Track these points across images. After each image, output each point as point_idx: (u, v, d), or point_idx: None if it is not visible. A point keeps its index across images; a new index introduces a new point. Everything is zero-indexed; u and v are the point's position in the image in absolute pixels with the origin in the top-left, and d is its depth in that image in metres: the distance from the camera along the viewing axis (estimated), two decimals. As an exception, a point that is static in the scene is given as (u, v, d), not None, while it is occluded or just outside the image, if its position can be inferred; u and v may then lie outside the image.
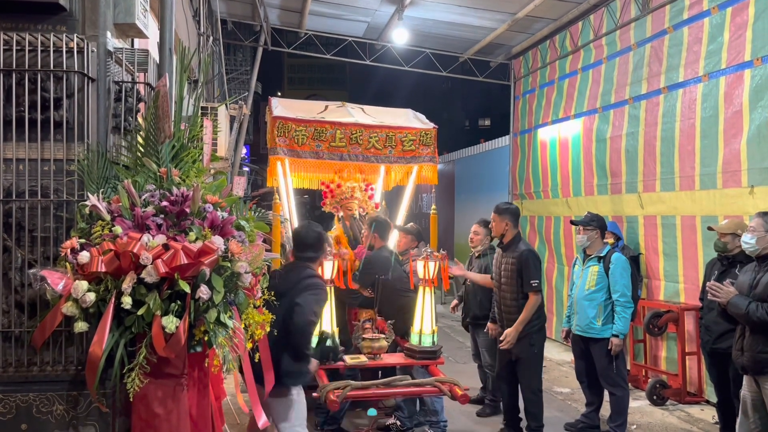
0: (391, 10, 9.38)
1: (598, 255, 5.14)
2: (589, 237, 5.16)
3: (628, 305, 5.00)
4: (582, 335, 5.15)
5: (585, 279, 5.16)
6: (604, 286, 5.04)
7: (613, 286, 5.01)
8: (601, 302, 5.04)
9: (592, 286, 5.08)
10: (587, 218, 5.22)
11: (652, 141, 6.94)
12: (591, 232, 5.17)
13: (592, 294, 5.07)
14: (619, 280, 5.01)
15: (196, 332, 2.59)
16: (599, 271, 5.08)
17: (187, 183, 2.82)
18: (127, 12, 3.12)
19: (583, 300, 5.11)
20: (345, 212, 5.76)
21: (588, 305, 5.08)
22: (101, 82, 2.90)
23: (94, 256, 2.50)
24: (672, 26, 6.76)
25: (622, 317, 4.96)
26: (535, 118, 9.99)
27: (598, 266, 5.10)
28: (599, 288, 5.05)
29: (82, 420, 2.75)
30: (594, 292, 5.06)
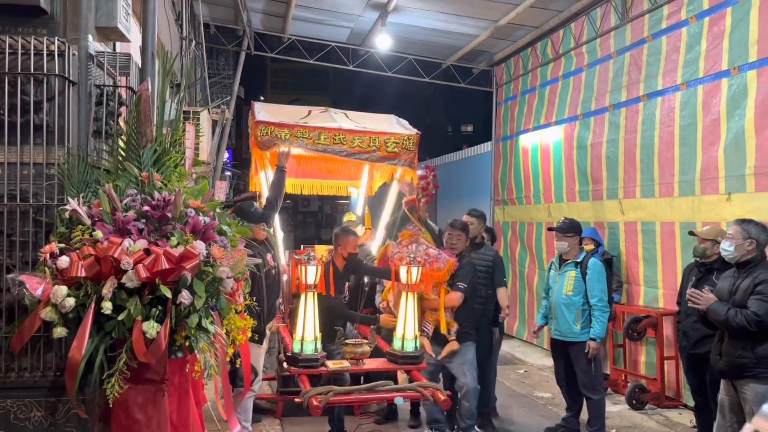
0: (374, 16, 9.42)
1: (575, 260, 5.21)
2: (570, 243, 5.23)
3: (605, 309, 5.09)
4: (561, 340, 5.21)
5: (562, 284, 5.23)
6: (582, 291, 5.12)
7: (591, 291, 5.09)
8: (579, 307, 5.11)
9: (570, 291, 5.15)
10: (566, 225, 5.27)
11: (632, 148, 7.03)
12: (571, 239, 5.23)
13: (570, 298, 5.14)
14: (597, 285, 5.09)
15: (177, 337, 2.57)
16: (576, 276, 5.15)
17: (169, 187, 2.81)
18: (109, 15, 3.11)
19: (562, 305, 5.17)
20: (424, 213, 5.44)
21: (566, 310, 5.15)
22: (82, 86, 2.88)
23: (74, 261, 2.48)
24: (651, 35, 6.86)
25: (599, 321, 5.05)
26: (516, 124, 10.06)
27: (575, 271, 5.17)
28: (577, 293, 5.12)
29: (60, 426, 2.72)
30: (572, 296, 5.14)
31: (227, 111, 8.74)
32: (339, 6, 9.29)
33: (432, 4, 8.62)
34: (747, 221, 4.00)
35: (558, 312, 5.21)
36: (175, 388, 2.82)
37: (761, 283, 3.76)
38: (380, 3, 8.86)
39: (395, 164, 5.59)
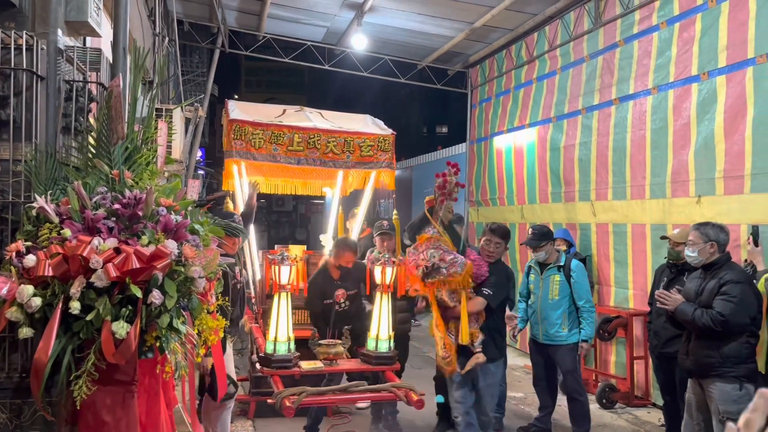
0: (350, 15, 9.40)
1: (558, 264, 5.22)
2: (546, 251, 5.24)
3: (593, 310, 5.18)
4: (548, 343, 5.22)
5: (547, 288, 5.21)
6: (567, 294, 5.14)
7: (578, 293, 5.12)
8: (566, 310, 5.13)
9: (556, 295, 5.16)
10: (536, 237, 5.23)
11: (604, 151, 7.13)
12: (546, 247, 5.23)
13: (557, 303, 5.14)
14: (582, 287, 5.14)
15: (147, 338, 2.53)
16: (561, 280, 5.16)
17: (141, 186, 2.76)
18: (80, 9, 3.05)
19: (548, 309, 5.17)
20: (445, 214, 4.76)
21: (553, 314, 5.15)
22: (51, 81, 2.82)
23: (41, 260, 2.42)
24: (623, 39, 6.96)
25: (589, 322, 5.11)
26: (491, 126, 10.13)
27: (559, 275, 5.18)
28: (563, 296, 5.14)
29: (26, 429, 2.66)
30: (558, 300, 5.14)
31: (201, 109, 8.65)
32: (315, 5, 9.25)
33: (408, 5, 8.63)
34: (704, 225, 4.09)
35: (544, 316, 5.21)
36: (145, 390, 2.77)
37: (726, 283, 3.84)
38: (356, 3, 8.84)
39: (371, 167, 5.59)
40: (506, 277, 4.74)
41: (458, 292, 4.47)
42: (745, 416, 0.75)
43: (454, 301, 4.45)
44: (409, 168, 15.72)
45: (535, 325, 5.30)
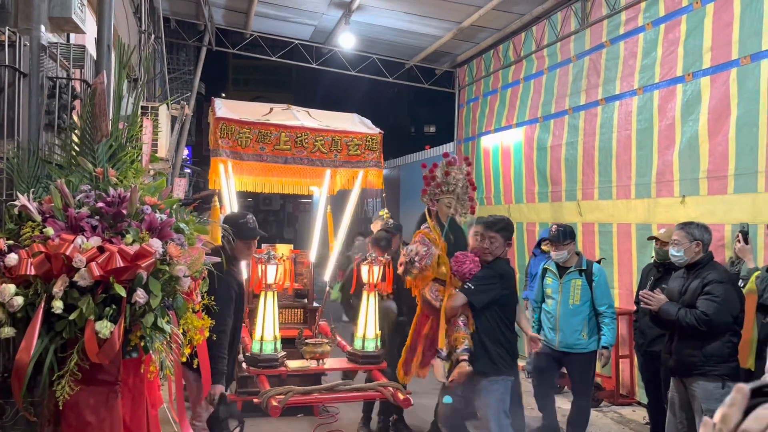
0: (338, 14, 9.38)
1: (579, 268, 4.90)
2: (569, 251, 4.92)
3: (615, 315, 4.92)
4: (565, 351, 4.89)
5: (567, 293, 4.90)
6: (588, 299, 4.86)
7: (600, 298, 4.85)
8: (586, 316, 4.86)
9: (577, 300, 4.87)
10: (561, 234, 4.90)
11: (590, 151, 7.17)
12: (569, 246, 4.92)
13: (578, 308, 4.86)
14: (605, 292, 4.89)
15: (131, 337, 2.51)
16: (583, 285, 4.87)
17: (125, 184, 2.74)
18: (63, 6, 3.01)
19: (568, 315, 4.85)
20: (442, 209, 4.25)
21: (574, 320, 4.85)
22: (34, 78, 2.79)
23: (23, 259, 2.39)
24: (609, 40, 7.01)
25: (611, 328, 4.85)
26: (478, 125, 10.16)
27: (581, 279, 4.88)
28: (584, 302, 4.86)
29: (8, 429, 2.63)
30: (579, 306, 4.86)
31: (187, 107, 8.58)
32: (302, 3, 9.22)
33: (396, 4, 8.63)
34: (688, 224, 4.12)
35: (563, 323, 4.90)
36: (130, 390, 2.75)
37: (709, 283, 3.87)
38: (344, 1, 8.83)
39: (358, 166, 5.57)
40: (498, 274, 3.99)
41: (441, 289, 4.06)
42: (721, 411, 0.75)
43: (437, 300, 4.01)
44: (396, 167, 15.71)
45: (551, 332, 4.93)
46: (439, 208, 4.22)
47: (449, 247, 4.11)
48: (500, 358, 3.93)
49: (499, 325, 3.98)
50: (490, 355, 3.91)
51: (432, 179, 4.25)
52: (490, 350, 3.92)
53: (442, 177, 4.21)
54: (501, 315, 3.97)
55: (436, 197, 4.23)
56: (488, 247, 4.03)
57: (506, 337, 3.99)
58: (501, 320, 3.98)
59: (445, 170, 4.23)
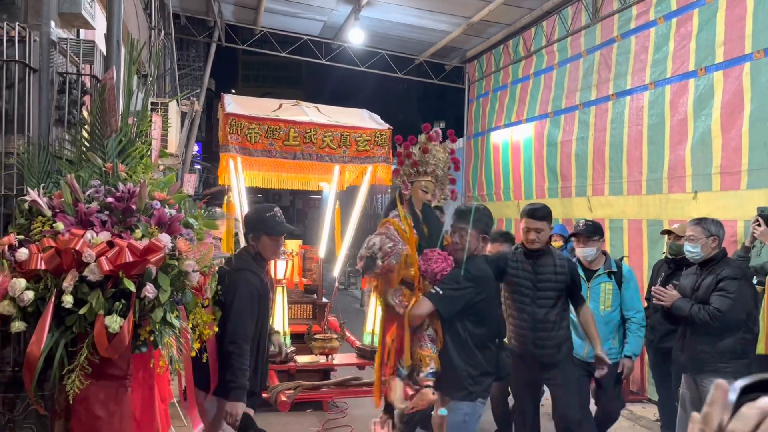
0: (347, 9, 9.37)
1: (609, 270, 4.43)
2: (597, 248, 4.46)
3: (644, 323, 4.48)
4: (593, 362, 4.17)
5: (597, 299, 4.41)
6: (618, 304, 4.42)
7: (630, 302, 4.41)
8: (617, 322, 4.43)
9: (608, 306, 4.41)
10: (590, 228, 4.47)
11: (601, 146, 7.12)
12: (597, 242, 4.45)
13: (609, 315, 4.41)
14: (635, 296, 4.47)
15: (141, 332, 2.51)
16: (614, 289, 4.42)
17: (134, 179, 2.74)
18: (73, 1, 3.02)
19: (600, 324, 4.21)
20: (417, 194, 3.51)
21: (605, 329, 4.33)
22: (44, 73, 2.80)
23: (34, 253, 2.40)
24: (620, 35, 6.95)
25: (637, 336, 4.40)
26: (488, 121, 10.12)
27: (611, 282, 4.42)
28: (615, 307, 4.42)
29: (19, 423, 2.64)
30: (610, 312, 4.41)
31: (197, 103, 8.61)
32: (312, -1, 9.22)
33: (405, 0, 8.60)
34: (703, 220, 4.07)
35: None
36: (139, 384, 2.76)
37: (723, 279, 3.84)
38: (353, -3, 8.82)
39: (367, 162, 5.57)
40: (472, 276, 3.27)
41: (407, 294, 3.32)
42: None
43: (402, 307, 3.28)
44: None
45: (579, 341, 4.34)
46: (413, 192, 3.51)
47: (422, 241, 3.40)
48: (469, 379, 3.29)
49: (472, 338, 3.29)
50: (458, 374, 3.29)
51: (407, 157, 3.56)
52: (458, 368, 3.28)
53: (419, 155, 3.53)
54: (475, 325, 3.29)
55: (410, 179, 3.54)
56: (458, 242, 3.35)
57: (481, 352, 3.29)
58: (474, 332, 3.29)
59: (423, 146, 3.54)
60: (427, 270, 3.28)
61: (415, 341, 3.26)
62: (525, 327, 3.86)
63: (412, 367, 3.29)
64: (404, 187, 3.54)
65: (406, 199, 3.50)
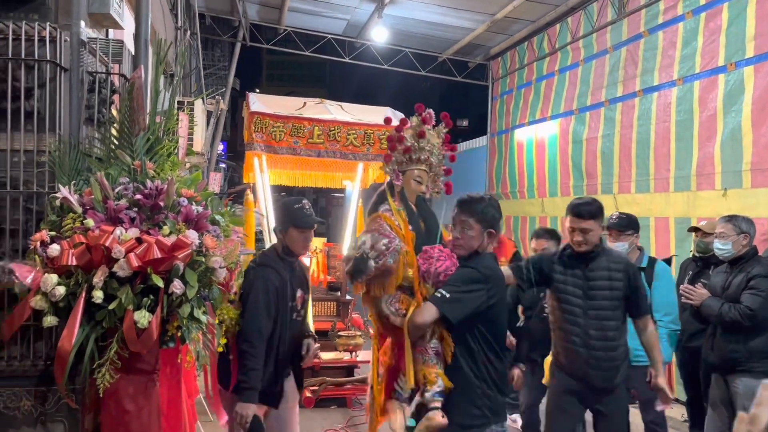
0: (370, 8, 9.37)
1: (639, 266, 4.04)
2: (630, 243, 4.16)
3: (676, 327, 4.07)
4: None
5: None
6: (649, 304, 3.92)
7: (658, 304, 4.01)
8: None
9: None
10: (624, 221, 4.21)
11: (627, 143, 7.03)
12: (631, 237, 4.17)
13: None
14: (666, 297, 4.07)
15: (169, 327, 2.55)
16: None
17: (162, 176, 2.77)
18: (102, 2, 3.07)
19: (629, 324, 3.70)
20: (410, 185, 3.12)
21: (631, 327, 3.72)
22: (74, 73, 2.84)
23: (65, 249, 2.45)
24: (647, 30, 6.85)
25: (664, 341, 3.94)
26: (512, 118, 10.06)
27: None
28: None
29: (50, 416, 2.69)
30: None
31: (222, 102, 8.69)
32: (335, -3, 9.25)
33: (429, -3, 8.59)
34: (734, 217, 3.99)
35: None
36: (167, 379, 2.80)
37: (754, 277, 3.77)
38: (377, -5, 8.82)
39: (389, 159, 5.56)
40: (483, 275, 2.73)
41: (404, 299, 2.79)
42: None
43: (399, 315, 2.77)
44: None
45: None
46: (405, 183, 3.11)
47: (418, 238, 2.91)
48: (485, 400, 2.73)
49: (485, 351, 2.73)
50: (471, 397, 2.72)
51: (399, 142, 3.12)
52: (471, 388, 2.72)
53: (413, 140, 3.10)
54: (487, 335, 2.73)
55: (402, 168, 3.13)
56: (459, 237, 2.82)
57: (494, 367, 2.76)
58: (487, 343, 2.74)
59: (418, 130, 3.10)
60: (428, 270, 2.76)
61: (417, 356, 2.73)
62: (576, 343, 3.27)
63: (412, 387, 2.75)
64: (395, 177, 3.11)
65: (397, 191, 3.09)
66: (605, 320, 3.26)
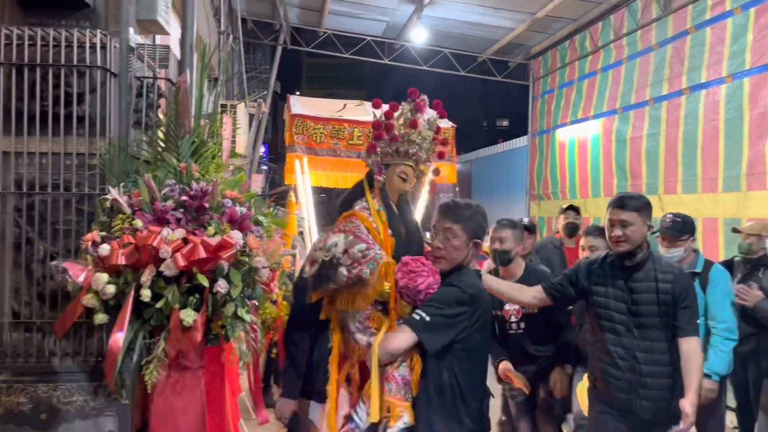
0: (410, 9, 9.38)
1: (692, 270, 3.75)
2: (686, 249, 3.86)
3: (733, 337, 3.67)
4: None
5: None
6: (704, 311, 3.69)
7: (714, 311, 3.69)
8: (704, 333, 3.59)
9: None
10: (679, 224, 3.87)
11: (673, 142, 6.87)
12: (686, 242, 3.86)
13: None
14: (720, 303, 3.70)
15: (213, 326, 2.60)
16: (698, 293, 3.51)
17: (207, 178, 2.83)
18: (150, 8, 3.15)
19: None
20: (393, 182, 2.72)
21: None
22: (123, 78, 2.93)
23: (115, 249, 2.52)
24: (694, 26, 6.68)
25: (720, 352, 3.60)
26: (553, 118, 9.93)
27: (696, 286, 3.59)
28: (701, 314, 3.52)
29: (101, 411, 2.78)
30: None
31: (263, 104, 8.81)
32: (375, 0, 9.28)
33: (468, -3, 8.54)
34: None
35: None
36: (212, 376, 2.85)
37: None
38: (416, -4, 8.82)
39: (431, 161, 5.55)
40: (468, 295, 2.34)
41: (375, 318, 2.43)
42: None
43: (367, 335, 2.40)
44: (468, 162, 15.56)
45: None
46: (387, 179, 2.68)
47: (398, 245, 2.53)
48: None
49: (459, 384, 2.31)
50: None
51: (387, 130, 2.70)
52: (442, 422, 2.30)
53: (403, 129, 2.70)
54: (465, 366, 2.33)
55: (386, 161, 2.71)
56: (442, 247, 2.41)
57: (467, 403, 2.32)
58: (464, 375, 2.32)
59: (410, 118, 2.71)
60: (407, 286, 2.34)
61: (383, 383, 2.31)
62: (620, 367, 2.85)
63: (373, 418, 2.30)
64: (377, 171, 2.69)
65: (378, 187, 2.66)
66: (654, 341, 2.81)
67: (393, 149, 2.66)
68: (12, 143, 2.79)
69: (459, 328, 2.29)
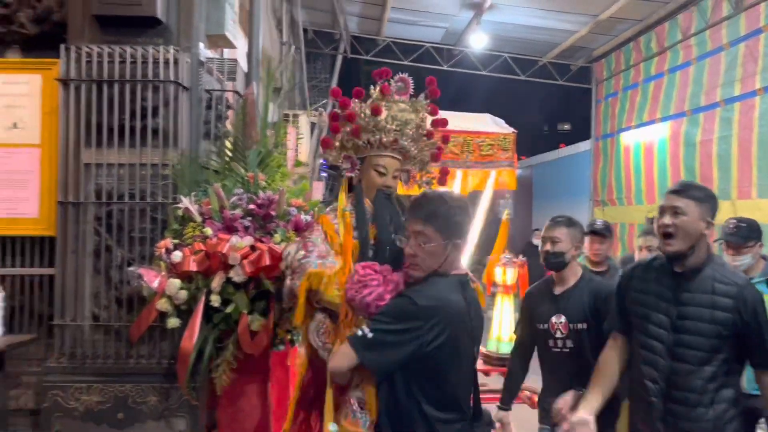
0: (469, 15, 9.35)
1: (765, 277, 3.46)
2: (753, 255, 3.51)
3: None
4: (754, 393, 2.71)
5: None
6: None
7: None
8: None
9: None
10: (745, 230, 3.53)
11: (747, 145, 6.59)
12: (753, 249, 3.51)
13: None
14: None
15: (279, 331, 2.67)
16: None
17: (273, 187, 2.92)
18: (218, 24, 3.27)
19: None
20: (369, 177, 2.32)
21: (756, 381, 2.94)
22: (194, 91, 3.05)
23: (186, 256, 2.62)
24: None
25: None
26: (617, 121, 9.69)
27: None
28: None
29: (173, 411, 2.89)
30: None
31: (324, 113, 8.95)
32: (434, 6, 9.28)
33: (529, 1, 8.44)
34: None
35: None
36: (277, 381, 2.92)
37: None
38: (476, 2, 8.77)
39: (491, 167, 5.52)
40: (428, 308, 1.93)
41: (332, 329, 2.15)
42: None
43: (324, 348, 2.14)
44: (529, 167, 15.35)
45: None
46: (364, 176, 2.32)
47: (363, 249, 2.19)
48: None
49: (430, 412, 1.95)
50: None
51: (349, 119, 2.32)
52: None
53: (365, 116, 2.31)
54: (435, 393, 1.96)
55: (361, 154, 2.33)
56: (413, 254, 2.02)
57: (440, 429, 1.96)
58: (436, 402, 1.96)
59: (373, 103, 2.32)
60: (353, 298, 2.03)
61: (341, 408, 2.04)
62: (651, 391, 2.30)
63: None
64: (350, 167, 2.33)
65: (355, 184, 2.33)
66: (698, 365, 2.24)
67: (365, 140, 2.27)
68: (92, 155, 2.95)
69: (411, 347, 1.90)
